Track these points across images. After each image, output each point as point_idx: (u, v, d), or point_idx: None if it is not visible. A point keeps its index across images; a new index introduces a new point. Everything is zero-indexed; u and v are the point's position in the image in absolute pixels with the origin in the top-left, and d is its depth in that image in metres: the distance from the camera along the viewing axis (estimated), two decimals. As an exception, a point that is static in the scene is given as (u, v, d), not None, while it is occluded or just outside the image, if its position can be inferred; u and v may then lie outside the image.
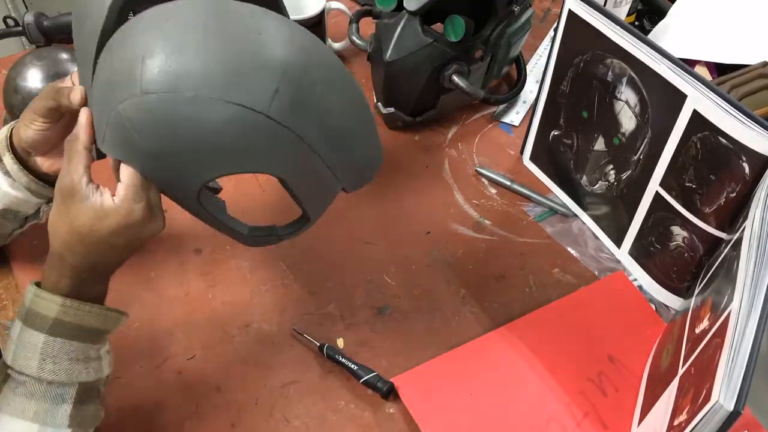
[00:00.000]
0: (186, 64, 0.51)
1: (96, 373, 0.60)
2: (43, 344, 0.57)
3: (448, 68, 0.92)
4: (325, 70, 0.58)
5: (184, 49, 0.52)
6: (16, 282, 0.80)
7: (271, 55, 0.54)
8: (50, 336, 0.57)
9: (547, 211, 0.90)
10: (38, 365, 0.57)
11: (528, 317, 0.78)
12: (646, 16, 1.13)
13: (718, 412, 0.48)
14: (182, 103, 0.51)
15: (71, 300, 0.58)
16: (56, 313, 0.57)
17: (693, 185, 0.70)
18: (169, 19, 0.55)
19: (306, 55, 0.56)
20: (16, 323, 0.59)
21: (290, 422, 0.70)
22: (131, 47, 0.54)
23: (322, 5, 1.02)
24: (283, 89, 0.53)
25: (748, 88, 0.83)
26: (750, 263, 0.54)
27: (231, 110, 0.52)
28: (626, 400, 0.71)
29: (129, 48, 0.54)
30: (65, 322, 0.58)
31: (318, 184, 0.62)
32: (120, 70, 0.53)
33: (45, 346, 0.57)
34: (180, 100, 0.51)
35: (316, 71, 0.56)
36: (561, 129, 0.87)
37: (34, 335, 0.58)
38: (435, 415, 0.69)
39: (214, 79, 0.51)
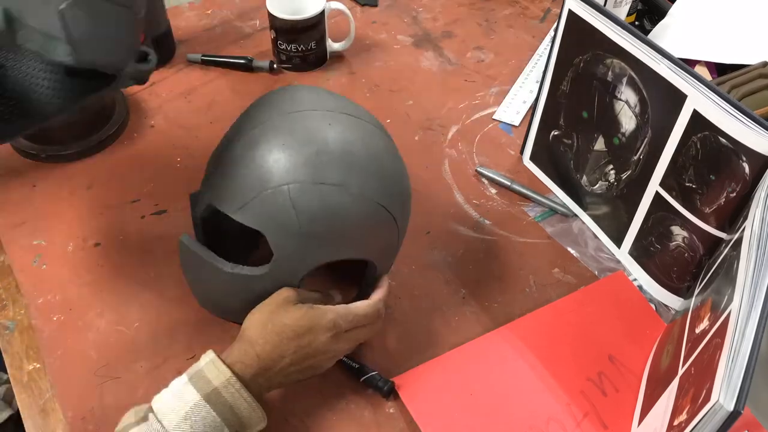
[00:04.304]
0: (350, 167, 0.65)
1: None
2: (194, 404, 0.59)
3: None
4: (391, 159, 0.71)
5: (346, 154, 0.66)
6: (17, 282, 0.80)
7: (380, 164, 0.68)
8: (203, 400, 0.60)
9: (547, 211, 0.90)
10: (177, 422, 0.59)
11: (528, 317, 0.78)
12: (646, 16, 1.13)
13: (718, 412, 0.48)
14: (347, 196, 0.64)
15: (237, 380, 0.61)
16: (220, 384, 0.60)
17: (693, 185, 0.70)
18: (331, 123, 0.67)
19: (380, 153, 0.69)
20: (183, 377, 0.62)
21: (290, 422, 0.70)
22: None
23: (322, 5, 1.02)
24: (385, 186, 0.68)
25: (748, 88, 0.83)
26: (750, 263, 0.54)
27: (374, 207, 0.66)
28: (626, 400, 0.71)
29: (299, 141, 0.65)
30: (223, 397, 0.60)
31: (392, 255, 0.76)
32: (283, 159, 0.64)
33: (194, 407, 0.59)
34: (345, 194, 0.64)
35: (389, 162, 0.70)
36: (561, 129, 0.87)
37: (191, 392, 0.60)
38: (435, 415, 0.69)
39: (368, 183, 0.65)
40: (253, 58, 1.07)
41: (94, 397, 0.71)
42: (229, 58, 1.07)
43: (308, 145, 0.64)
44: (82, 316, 0.77)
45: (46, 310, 0.78)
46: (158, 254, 0.83)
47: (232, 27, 1.15)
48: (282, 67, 1.08)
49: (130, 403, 0.70)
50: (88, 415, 0.70)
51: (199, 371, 0.61)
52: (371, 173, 0.66)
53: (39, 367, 0.73)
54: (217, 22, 1.16)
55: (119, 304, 0.79)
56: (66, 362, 0.74)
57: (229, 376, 0.60)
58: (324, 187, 0.63)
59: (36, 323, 0.77)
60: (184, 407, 0.59)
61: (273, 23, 1.03)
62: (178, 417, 0.59)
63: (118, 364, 0.73)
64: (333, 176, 0.63)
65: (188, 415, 0.59)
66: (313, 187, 0.63)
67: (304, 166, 0.63)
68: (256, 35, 1.14)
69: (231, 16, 1.17)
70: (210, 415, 0.59)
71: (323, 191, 0.63)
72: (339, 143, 0.65)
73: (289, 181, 0.63)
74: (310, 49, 1.05)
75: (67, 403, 0.70)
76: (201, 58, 1.08)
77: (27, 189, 0.90)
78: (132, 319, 0.77)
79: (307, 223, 0.63)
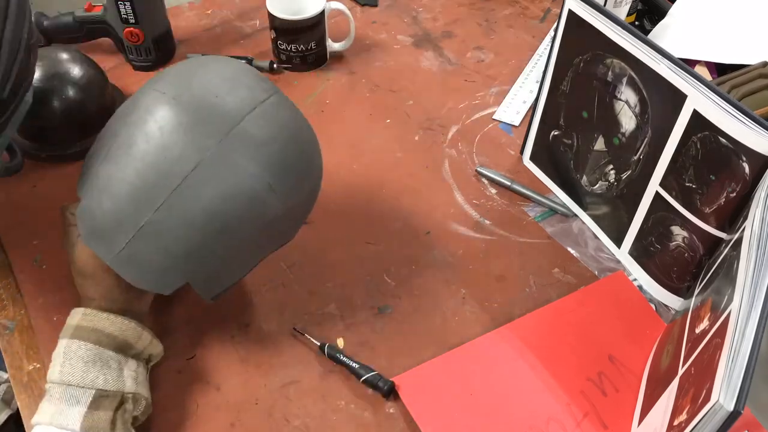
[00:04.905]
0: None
1: (115, 383, 0.62)
2: (64, 348, 0.63)
3: None
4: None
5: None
6: (17, 282, 0.80)
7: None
8: (70, 339, 0.64)
9: (547, 211, 0.90)
10: (59, 369, 0.62)
11: (528, 317, 0.78)
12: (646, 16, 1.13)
13: (718, 412, 0.48)
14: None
15: (92, 309, 0.66)
16: (78, 320, 0.65)
17: (693, 185, 0.70)
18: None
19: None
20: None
21: (290, 422, 0.70)
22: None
23: (322, 5, 1.02)
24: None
25: (748, 88, 0.83)
26: (750, 263, 0.54)
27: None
28: (626, 400, 0.71)
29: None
30: (83, 327, 0.64)
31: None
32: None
33: (66, 350, 0.63)
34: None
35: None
36: (561, 129, 0.87)
37: (59, 342, 0.65)
38: (435, 415, 0.69)
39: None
40: (253, 58, 1.07)
41: (94, 397, 0.71)
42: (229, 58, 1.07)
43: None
44: (82, 316, 0.77)
45: (46, 310, 0.78)
46: (158, 254, 0.83)
47: (232, 27, 1.15)
48: (282, 67, 1.08)
49: (130, 403, 0.70)
50: (88, 415, 0.70)
51: (65, 327, 0.66)
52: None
53: (39, 367, 0.73)
54: (217, 22, 1.16)
55: (119, 304, 0.78)
56: (66, 362, 0.74)
57: (82, 310, 0.65)
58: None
59: (36, 323, 0.77)
60: (58, 356, 0.63)
61: (273, 23, 1.03)
62: (58, 365, 0.63)
63: (118, 364, 0.73)
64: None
65: (64, 358, 0.62)
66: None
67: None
68: (256, 35, 1.14)
69: (231, 16, 1.17)
70: (81, 346, 0.63)
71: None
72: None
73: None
74: (310, 49, 1.05)
75: (67, 403, 0.70)
76: (201, 58, 1.08)
77: (27, 189, 0.90)
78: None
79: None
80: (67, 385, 0.61)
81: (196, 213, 0.63)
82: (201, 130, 0.63)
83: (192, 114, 0.63)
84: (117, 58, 1.07)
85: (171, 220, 0.63)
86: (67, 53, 0.92)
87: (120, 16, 1.01)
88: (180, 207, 0.63)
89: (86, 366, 0.62)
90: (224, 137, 0.63)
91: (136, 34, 1.02)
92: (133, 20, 1.01)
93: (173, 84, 0.66)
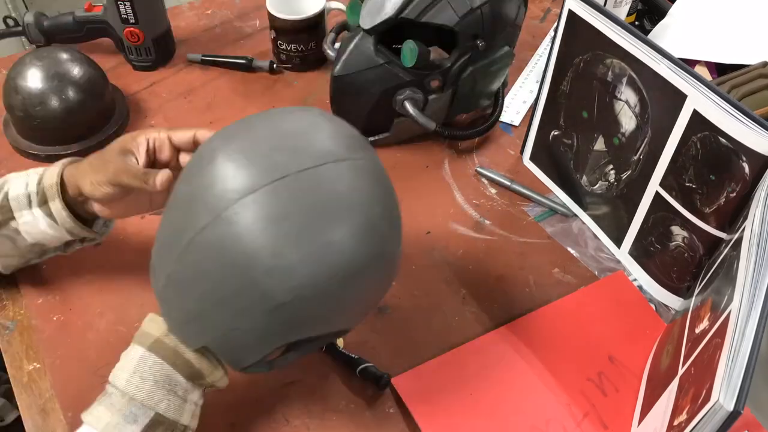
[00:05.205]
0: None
1: (174, 413, 0.60)
2: (139, 358, 0.60)
3: (401, 93, 0.89)
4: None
5: None
6: (17, 282, 0.80)
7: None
8: (148, 351, 0.60)
9: (547, 211, 0.90)
10: (128, 378, 0.59)
11: (528, 317, 0.78)
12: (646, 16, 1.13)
13: (718, 412, 0.48)
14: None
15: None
16: (160, 334, 0.61)
17: (693, 185, 0.70)
18: None
19: None
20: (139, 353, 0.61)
21: (290, 422, 0.70)
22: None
23: (322, 5, 1.02)
24: None
25: (748, 88, 0.83)
26: (750, 263, 0.54)
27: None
28: (626, 400, 0.71)
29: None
30: (164, 343, 0.60)
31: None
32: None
33: (140, 361, 0.60)
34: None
35: None
36: (561, 129, 0.87)
37: (135, 348, 0.61)
38: (435, 415, 0.69)
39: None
40: (253, 58, 1.07)
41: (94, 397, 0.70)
42: (229, 58, 1.07)
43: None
44: (82, 316, 0.77)
45: (46, 310, 0.78)
46: (158, 254, 0.83)
47: (232, 27, 1.15)
48: (282, 67, 1.08)
49: (130, 403, 0.70)
50: (88, 415, 0.70)
51: (141, 330, 0.62)
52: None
53: (39, 367, 0.73)
54: (217, 22, 1.16)
55: (119, 304, 0.79)
56: (66, 362, 0.74)
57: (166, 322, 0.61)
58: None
59: (36, 323, 0.77)
60: (131, 363, 0.60)
61: (273, 23, 1.03)
62: (127, 373, 0.59)
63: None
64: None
65: (136, 368, 0.59)
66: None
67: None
68: (256, 35, 1.14)
69: (231, 16, 1.17)
70: (157, 363, 0.59)
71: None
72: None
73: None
74: (310, 49, 1.05)
75: (67, 403, 0.70)
76: (201, 58, 1.08)
77: (27, 189, 0.90)
78: (132, 319, 0.77)
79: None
80: (131, 399, 0.58)
81: (207, 269, 0.56)
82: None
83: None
84: (117, 58, 1.07)
85: (185, 272, 0.57)
86: (67, 53, 0.92)
87: (120, 16, 1.01)
88: (192, 260, 0.56)
89: (155, 385, 0.59)
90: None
91: (136, 34, 1.02)
92: (133, 20, 1.01)
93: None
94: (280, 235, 0.53)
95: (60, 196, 0.68)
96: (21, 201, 0.69)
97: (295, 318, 0.56)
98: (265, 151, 0.56)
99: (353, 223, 0.55)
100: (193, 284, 0.57)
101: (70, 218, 0.69)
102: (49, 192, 0.68)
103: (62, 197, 0.68)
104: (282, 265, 0.53)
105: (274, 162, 0.55)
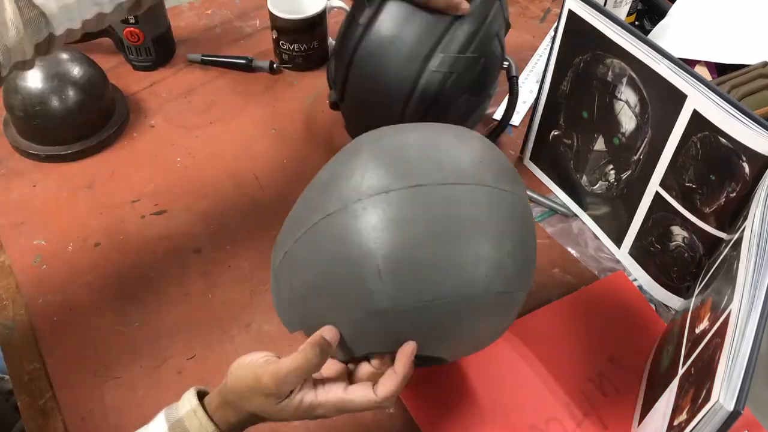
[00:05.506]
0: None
1: None
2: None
3: None
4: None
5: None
6: (17, 282, 0.80)
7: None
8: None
9: (547, 211, 0.90)
10: None
11: (528, 317, 0.78)
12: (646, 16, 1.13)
13: (718, 412, 0.48)
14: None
15: (201, 411, 0.56)
16: (186, 412, 0.56)
17: (693, 185, 0.70)
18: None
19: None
20: (161, 419, 0.56)
21: (290, 422, 0.70)
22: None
23: (324, 4, 1.02)
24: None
25: (748, 88, 0.83)
26: (750, 263, 0.54)
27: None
28: (626, 400, 0.71)
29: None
30: (183, 425, 0.55)
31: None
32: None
33: None
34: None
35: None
36: (561, 129, 0.87)
37: (160, 419, 0.56)
38: (435, 415, 0.69)
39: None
40: (253, 58, 1.07)
41: (94, 397, 0.71)
42: (229, 58, 1.07)
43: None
44: (82, 316, 0.77)
45: (46, 310, 0.78)
46: (158, 254, 0.83)
47: (232, 27, 1.15)
48: (283, 67, 1.08)
49: (130, 403, 0.70)
50: (88, 415, 0.70)
51: (179, 421, 0.56)
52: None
53: (39, 367, 0.73)
54: (217, 22, 1.16)
55: (119, 304, 0.79)
56: (66, 362, 0.74)
57: (196, 403, 0.56)
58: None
59: (36, 323, 0.77)
60: None
61: (274, 23, 1.03)
62: None
63: (118, 364, 0.73)
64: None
65: None
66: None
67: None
68: (256, 35, 1.14)
69: (231, 16, 1.17)
70: None
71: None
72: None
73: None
74: (312, 48, 1.05)
75: (67, 403, 0.70)
76: (201, 58, 1.08)
77: (27, 189, 0.90)
78: (132, 319, 0.77)
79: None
80: None
81: (322, 255, 0.55)
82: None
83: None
84: (117, 58, 1.07)
85: (301, 253, 0.57)
86: (67, 53, 0.92)
87: (120, 16, 1.01)
88: (310, 242, 0.56)
89: None
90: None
91: (136, 34, 1.02)
92: (133, 20, 1.01)
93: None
94: (400, 240, 0.52)
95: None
96: None
97: (392, 330, 0.55)
98: (411, 157, 0.56)
99: (478, 251, 0.53)
100: (305, 266, 0.57)
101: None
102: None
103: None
104: (393, 269, 0.52)
105: (416, 169, 0.54)
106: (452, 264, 0.53)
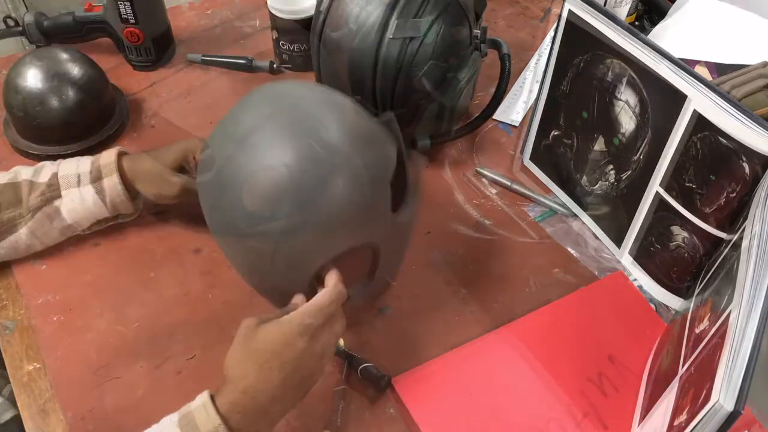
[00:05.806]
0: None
1: None
2: None
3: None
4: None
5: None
6: (17, 282, 0.80)
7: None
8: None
9: (547, 211, 0.90)
10: None
11: (528, 317, 0.78)
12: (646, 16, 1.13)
13: (718, 412, 0.48)
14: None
15: (225, 429, 0.57)
16: (207, 431, 0.57)
17: (693, 185, 0.70)
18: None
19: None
20: (174, 416, 0.58)
21: (290, 422, 0.70)
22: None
23: (322, 5, 1.02)
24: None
25: (748, 88, 0.83)
26: (750, 263, 0.54)
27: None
28: (626, 400, 0.71)
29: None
30: (192, 423, 0.57)
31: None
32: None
33: None
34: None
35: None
36: (561, 129, 0.87)
37: (170, 420, 0.58)
38: (435, 415, 0.69)
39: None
40: (253, 58, 1.07)
41: (94, 397, 0.71)
42: (229, 58, 1.07)
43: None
44: (82, 316, 0.77)
45: (46, 310, 0.78)
46: (158, 254, 0.83)
47: (232, 27, 1.15)
48: (283, 67, 1.08)
49: (130, 403, 0.70)
50: (88, 415, 0.70)
51: (189, 413, 0.57)
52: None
53: (39, 367, 0.73)
54: (217, 22, 1.16)
55: (119, 304, 0.79)
56: (66, 362, 0.74)
57: (217, 424, 0.56)
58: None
59: (36, 323, 0.77)
60: None
61: (275, 23, 1.03)
62: None
63: (118, 364, 0.73)
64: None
65: None
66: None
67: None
68: (256, 35, 1.14)
69: (231, 16, 1.17)
70: None
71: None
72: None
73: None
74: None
75: (67, 403, 0.70)
76: (201, 58, 1.08)
77: (27, 189, 0.90)
78: (132, 319, 0.77)
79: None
80: None
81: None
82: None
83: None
84: (117, 58, 1.07)
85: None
86: (67, 53, 0.92)
87: (120, 16, 1.01)
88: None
89: None
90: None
91: (136, 34, 1.02)
92: (133, 20, 1.01)
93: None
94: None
95: (118, 172, 0.77)
96: (70, 180, 0.77)
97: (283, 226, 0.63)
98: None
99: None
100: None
101: (123, 193, 0.77)
102: (105, 169, 0.77)
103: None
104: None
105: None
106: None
